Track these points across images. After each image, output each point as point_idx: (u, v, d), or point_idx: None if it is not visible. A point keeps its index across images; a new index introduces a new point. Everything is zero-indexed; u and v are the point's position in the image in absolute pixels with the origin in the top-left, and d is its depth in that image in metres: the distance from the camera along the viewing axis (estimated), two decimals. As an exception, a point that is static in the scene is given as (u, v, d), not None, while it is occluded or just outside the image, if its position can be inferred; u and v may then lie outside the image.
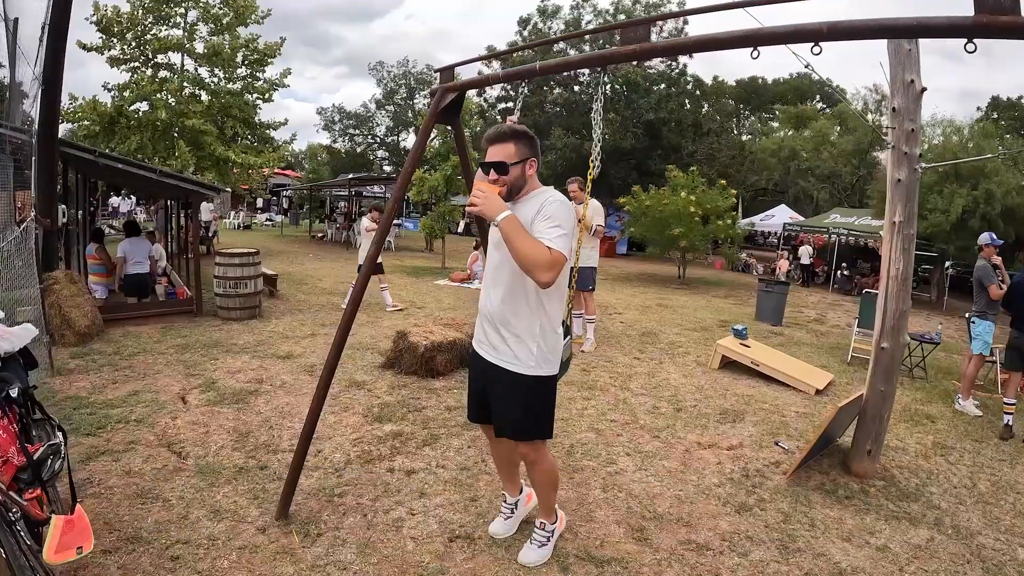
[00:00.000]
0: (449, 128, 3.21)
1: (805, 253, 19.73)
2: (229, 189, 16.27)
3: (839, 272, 18.75)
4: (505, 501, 3.22)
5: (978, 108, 22.09)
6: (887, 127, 3.82)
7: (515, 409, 2.67)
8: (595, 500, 3.61)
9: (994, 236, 6.22)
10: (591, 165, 2.64)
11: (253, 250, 8.52)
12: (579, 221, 3.59)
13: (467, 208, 2.49)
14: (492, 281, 2.67)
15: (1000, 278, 6.13)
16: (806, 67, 2.61)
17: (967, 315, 6.94)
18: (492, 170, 2.50)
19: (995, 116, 20.41)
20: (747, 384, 6.38)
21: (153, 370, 5.59)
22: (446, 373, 5.95)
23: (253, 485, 3.51)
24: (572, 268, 2.76)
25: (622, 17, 26.41)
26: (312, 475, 3.68)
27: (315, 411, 3.15)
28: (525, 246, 2.31)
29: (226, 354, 6.30)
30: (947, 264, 16.67)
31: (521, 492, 3.28)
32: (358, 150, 41.60)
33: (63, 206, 9.43)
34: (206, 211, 24.72)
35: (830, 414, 4.08)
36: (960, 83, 61.88)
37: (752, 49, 1.96)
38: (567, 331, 2.86)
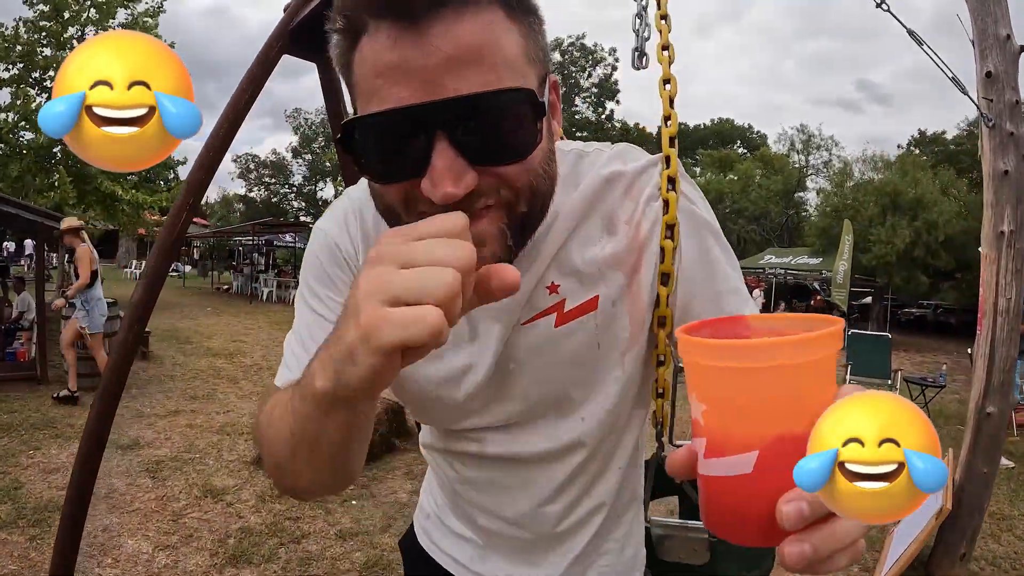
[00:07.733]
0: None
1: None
2: (108, 225, 14.13)
3: (778, 311, 18.34)
4: None
5: (899, 146, 22.96)
6: (982, 97, 2.67)
7: None
8: None
9: None
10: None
11: (109, 300, 6.66)
12: None
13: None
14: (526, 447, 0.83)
15: None
16: (885, 9, 1.61)
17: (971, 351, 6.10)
18: (459, 154, 0.52)
19: (917, 152, 21.12)
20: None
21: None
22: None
23: None
24: None
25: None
26: None
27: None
28: None
29: (53, 440, 4.64)
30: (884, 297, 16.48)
31: None
32: (274, 200, 39.57)
33: None
34: None
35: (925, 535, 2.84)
36: (859, 132, 67.58)
37: None
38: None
